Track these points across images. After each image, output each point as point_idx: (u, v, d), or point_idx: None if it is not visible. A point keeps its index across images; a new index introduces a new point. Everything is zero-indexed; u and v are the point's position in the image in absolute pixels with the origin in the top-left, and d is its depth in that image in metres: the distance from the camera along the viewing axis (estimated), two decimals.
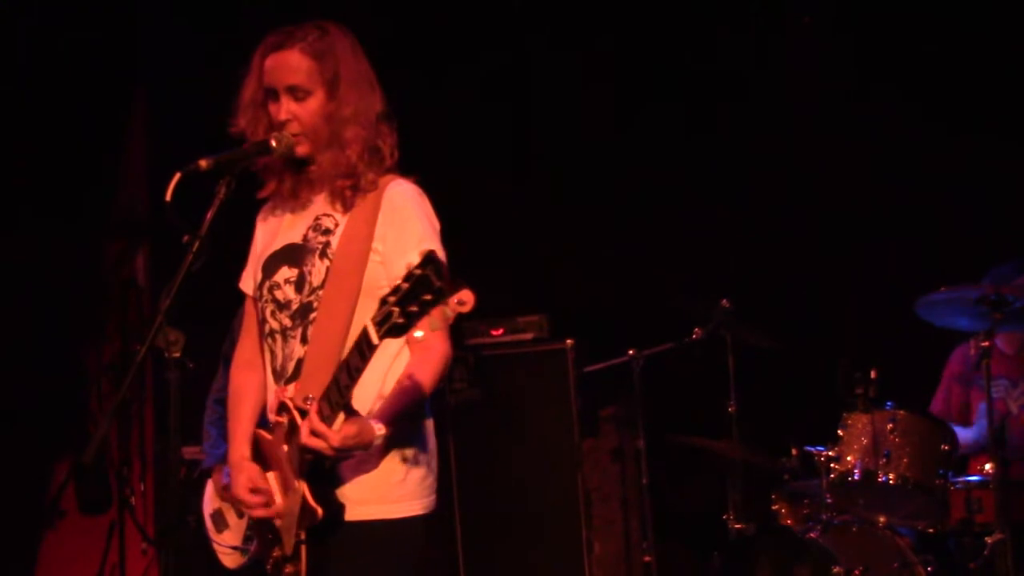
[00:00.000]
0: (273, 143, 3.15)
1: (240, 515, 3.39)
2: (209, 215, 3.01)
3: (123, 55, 6.62)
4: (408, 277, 2.67)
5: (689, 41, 6.44)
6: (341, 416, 2.98)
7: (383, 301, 2.72)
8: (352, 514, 3.09)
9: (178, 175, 2.95)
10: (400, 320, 2.69)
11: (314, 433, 2.91)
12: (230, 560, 4.34)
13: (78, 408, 6.55)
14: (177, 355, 2.93)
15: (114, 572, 6.17)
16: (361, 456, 3.08)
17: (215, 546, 4.32)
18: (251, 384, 3.34)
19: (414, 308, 2.67)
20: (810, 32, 6.28)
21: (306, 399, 3.02)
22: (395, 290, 2.69)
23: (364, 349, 2.82)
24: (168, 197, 2.91)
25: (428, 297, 2.66)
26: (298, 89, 3.17)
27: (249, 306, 3.39)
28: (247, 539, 4.08)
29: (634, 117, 6.53)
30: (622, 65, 6.56)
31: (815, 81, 6.25)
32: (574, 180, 6.58)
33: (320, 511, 3.01)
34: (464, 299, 2.65)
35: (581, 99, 6.60)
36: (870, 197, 6.17)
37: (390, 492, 3.13)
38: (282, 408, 3.11)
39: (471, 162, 6.39)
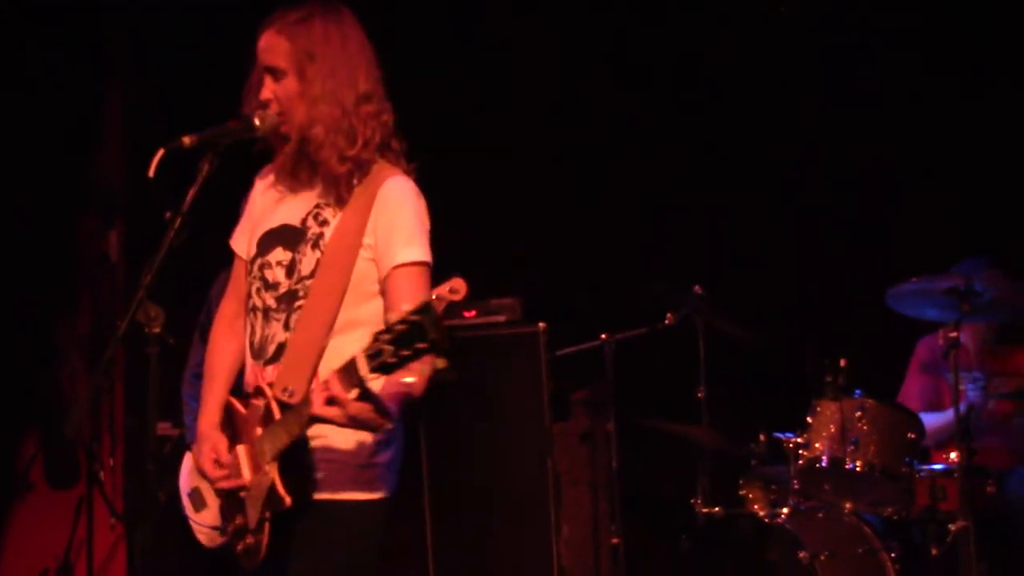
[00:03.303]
0: (257, 121, 3.15)
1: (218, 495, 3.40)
2: (192, 192, 3.02)
3: (100, 28, 6.59)
4: (404, 320, 2.67)
5: (667, 26, 6.46)
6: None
7: (376, 337, 2.71)
8: (322, 494, 3.10)
9: (161, 151, 2.95)
10: (391, 360, 2.70)
11: (330, 401, 2.86)
12: (207, 539, 4.32)
13: (49, 382, 6.53)
14: (157, 330, 2.94)
15: (82, 547, 6.16)
16: (335, 438, 3.09)
17: (192, 524, 4.30)
18: (230, 347, 3.34)
19: (406, 352, 2.68)
20: (787, 21, 6.32)
21: (285, 390, 3.04)
22: (389, 329, 2.69)
23: (353, 378, 2.80)
24: (151, 173, 2.92)
25: (422, 345, 2.67)
26: (275, 69, 3.16)
27: (238, 266, 3.37)
28: (223, 518, 4.07)
29: (610, 102, 6.55)
30: (598, 49, 6.58)
31: (791, 70, 6.29)
32: (548, 165, 6.60)
33: (288, 500, 3.02)
34: (456, 287, 2.70)
35: (556, 83, 6.61)
36: (842, 187, 6.22)
37: (359, 474, 3.14)
38: (258, 392, 3.11)
39: (444, 146, 6.39)
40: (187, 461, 4.33)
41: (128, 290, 6.28)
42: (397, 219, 3.14)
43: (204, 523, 4.17)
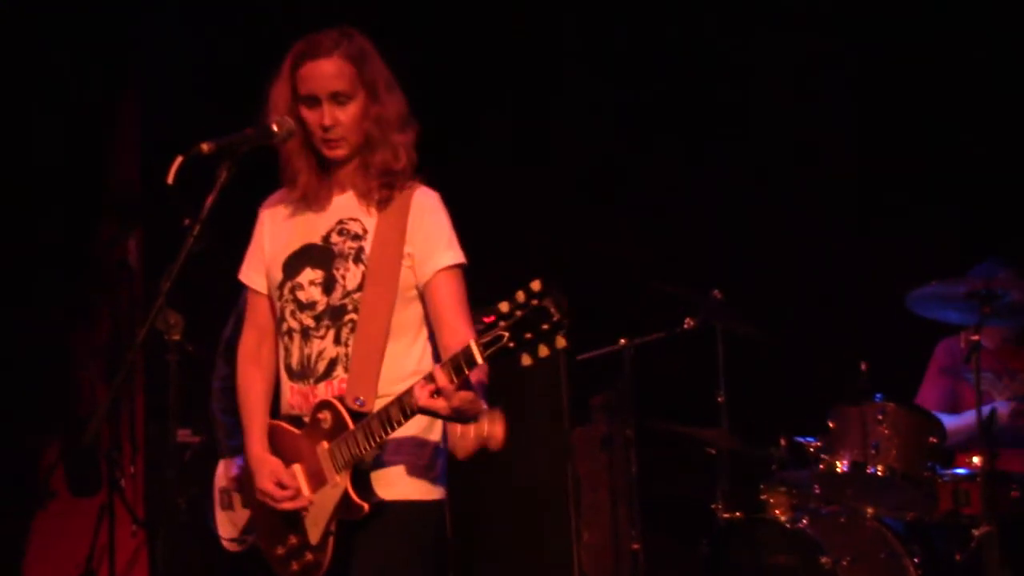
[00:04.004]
0: (275, 127, 3.19)
1: (245, 506, 3.41)
2: (210, 199, 3.03)
3: (117, 37, 6.61)
4: (523, 305, 2.75)
5: (682, 31, 6.45)
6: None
7: (490, 326, 2.79)
8: (388, 494, 3.17)
9: (180, 158, 2.96)
10: (511, 344, 2.78)
11: (436, 394, 2.92)
12: (228, 545, 4.34)
13: (68, 390, 6.55)
14: (177, 338, 2.95)
15: (104, 554, 6.17)
16: (400, 440, 3.16)
17: (217, 520, 4.32)
18: (259, 378, 3.39)
19: (529, 335, 2.75)
20: (802, 24, 6.30)
21: (356, 400, 3.12)
22: (506, 315, 2.77)
23: (462, 365, 2.87)
24: (170, 180, 2.93)
25: (546, 327, 2.74)
26: (341, 94, 3.22)
27: (253, 299, 3.43)
28: (246, 531, 4.08)
29: (628, 107, 6.54)
30: (613, 54, 6.58)
31: (809, 74, 6.28)
32: (568, 169, 6.60)
33: (367, 507, 3.10)
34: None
35: (575, 90, 6.61)
36: (861, 189, 6.20)
37: (423, 476, 3.23)
38: (324, 406, 3.16)
39: (464, 150, 6.40)
40: (221, 465, 4.34)
41: (147, 297, 6.29)
42: (433, 227, 3.26)
43: (225, 527, 4.16)
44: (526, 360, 2.79)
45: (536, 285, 2.76)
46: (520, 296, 2.77)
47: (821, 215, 6.24)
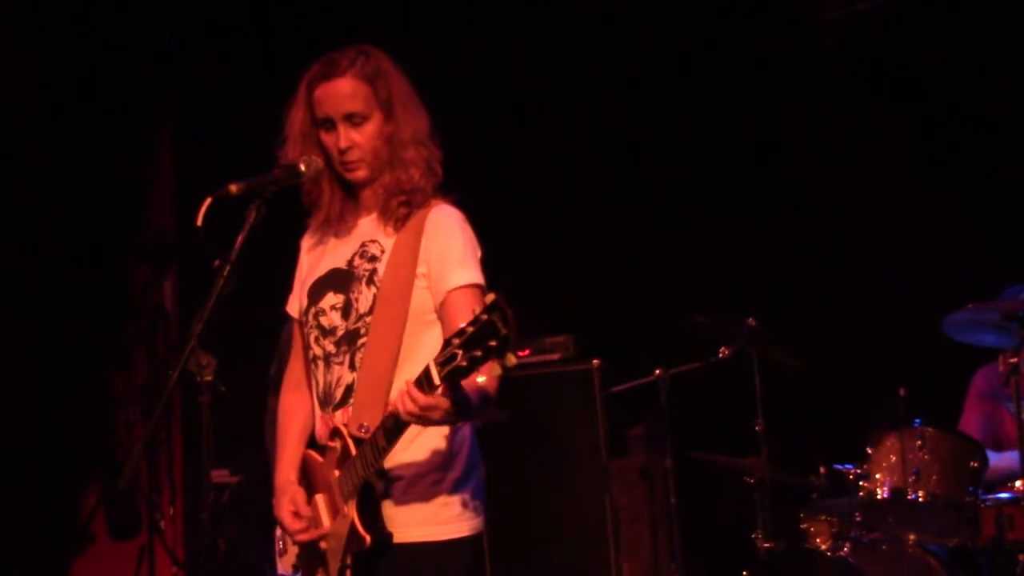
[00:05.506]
0: (302, 167, 3.18)
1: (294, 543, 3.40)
2: (239, 240, 3.03)
3: (150, 81, 6.68)
4: (474, 321, 2.66)
5: (717, 62, 6.46)
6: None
7: (447, 343, 2.71)
8: (400, 536, 3.09)
9: (209, 200, 2.97)
10: (463, 363, 2.69)
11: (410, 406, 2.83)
12: None
13: (107, 433, 6.58)
14: (209, 379, 2.95)
15: None
16: (410, 478, 3.11)
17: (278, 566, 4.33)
18: (298, 407, 3.37)
19: (478, 353, 2.66)
20: (833, 54, 6.29)
21: (360, 427, 3.06)
22: (459, 332, 2.68)
23: (425, 387, 2.79)
24: (199, 222, 2.93)
25: (493, 343, 2.64)
26: (355, 115, 3.19)
27: (296, 329, 3.41)
28: (295, 568, 4.09)
29: (663, 136, 6.55)
30: (650, 86, 6.59)
31: (842, 99, 6.26)
32: (602, 200, 6.60)
33: (368, 539, 3.02)
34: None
35: (608, 118, 6.63)
36: (897, 215, 6.17)
37: (438, 514, 3.14)
38: (335, 433, 3.12)
39: (497, 182, 6.42)
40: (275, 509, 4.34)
41: (182, 340, 6.32)
42: (447, 245, 3.17)
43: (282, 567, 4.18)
44: (480, 379, 2.73)
45: (489, 298, 2.67)
46: (475, 310, 2.69)
47: (856, 241, 6.20)
